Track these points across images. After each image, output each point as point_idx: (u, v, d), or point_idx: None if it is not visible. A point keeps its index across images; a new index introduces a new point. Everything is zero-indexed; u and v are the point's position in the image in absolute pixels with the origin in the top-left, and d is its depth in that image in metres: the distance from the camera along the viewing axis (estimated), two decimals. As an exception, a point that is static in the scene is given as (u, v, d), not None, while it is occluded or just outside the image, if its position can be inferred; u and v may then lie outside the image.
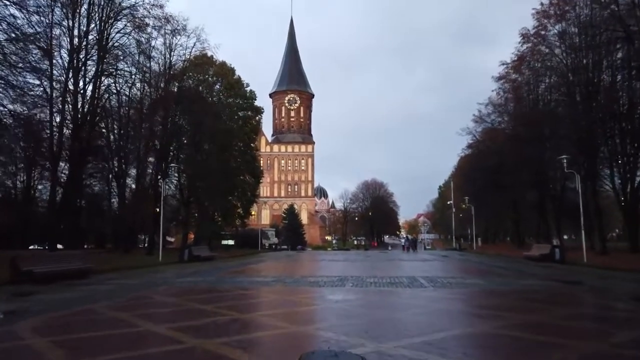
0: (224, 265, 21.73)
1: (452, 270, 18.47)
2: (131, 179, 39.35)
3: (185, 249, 25.50)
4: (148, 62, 35.44)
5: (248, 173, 47.31)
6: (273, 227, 72.10)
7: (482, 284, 12.73)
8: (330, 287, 11.35)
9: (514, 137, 42.30)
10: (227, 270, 18.28)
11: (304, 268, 20.60)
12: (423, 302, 8.84)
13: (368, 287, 11.59)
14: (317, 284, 12.28)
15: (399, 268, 19.73)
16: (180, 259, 24.86)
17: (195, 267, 20.20)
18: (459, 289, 11.10)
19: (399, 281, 12.90)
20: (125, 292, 10.47)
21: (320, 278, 13.92)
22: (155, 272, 17.55)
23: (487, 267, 20.63)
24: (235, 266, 21.22)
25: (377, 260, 27.60)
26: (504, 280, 13.67)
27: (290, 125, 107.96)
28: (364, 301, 8.83)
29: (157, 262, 23.56)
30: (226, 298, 9.48)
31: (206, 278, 14.32)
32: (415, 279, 13.40)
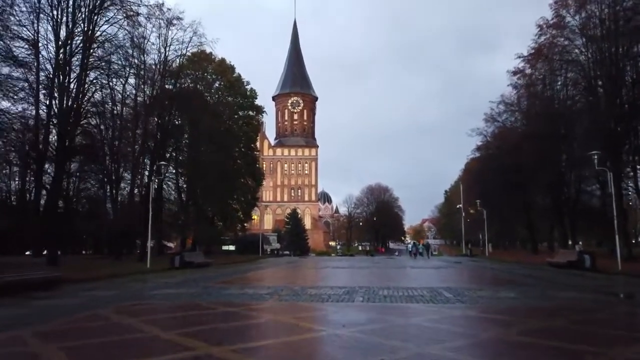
0: (217, 273, 19.63)
1: (474, 280, 16.27)
2: (126, 182, 37.54)
3: (176, 254, 23.39)
4: (142, 56, 33.67)
5: (249, 175, 45.27)
6: (275, 232, 69.94)
7: (517, 297, 10.57)
8: (335, 303, 9.23)
9: (529, 136, 40.13)
10: (219, 279, 16.17)
11: (306, 277, 18.48)
12: (457, 326, 6.71)
13: (382, 302, 9.45)
14: (319, 297, 10.16)
15: (413, 277, 17.56)
16: (171, 265, 22.80)
17: (185, 275, 18.11)
18: (494, 305, 8.97)
19: (418, 294, 10.75)
20: (79, 309, 8.39)
21: (323, 290, 11.80)
22: (138, 281, 15.48)
23: (511, 275, 18.42)
24: (229, 274, 19.11)
25: (386, 267, 25.42)
26: (540, 293, 11.50)
27: (294, 128, 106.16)
28: (380, 325, 6.70)
29: (145, 268, 21.51)
30: (201, 319, 7.39)
31: (190, 289, 12.23)
32: (437, 292, 11.24)
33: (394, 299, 9.87)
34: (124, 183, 37.80)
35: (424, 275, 18.49)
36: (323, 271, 21.76)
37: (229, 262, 32.96)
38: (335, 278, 16.92)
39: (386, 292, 11.08)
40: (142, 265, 23.00)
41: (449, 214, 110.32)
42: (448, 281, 14.89)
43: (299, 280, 15.85)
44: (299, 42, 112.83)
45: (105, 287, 13.46)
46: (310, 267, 26.12)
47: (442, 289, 11.86)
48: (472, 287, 12.77)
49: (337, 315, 7.65)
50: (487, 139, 49.27)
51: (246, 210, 46.20)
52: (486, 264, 29.24)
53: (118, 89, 32.98)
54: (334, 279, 16.60)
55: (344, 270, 21.71)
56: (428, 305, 8.93)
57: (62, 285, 13.40)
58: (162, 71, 35.08)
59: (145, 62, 33.78)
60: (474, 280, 15.89)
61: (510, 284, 14.08)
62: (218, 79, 41.65)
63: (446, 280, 15.14)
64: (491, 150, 50.75)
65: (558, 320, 7.15)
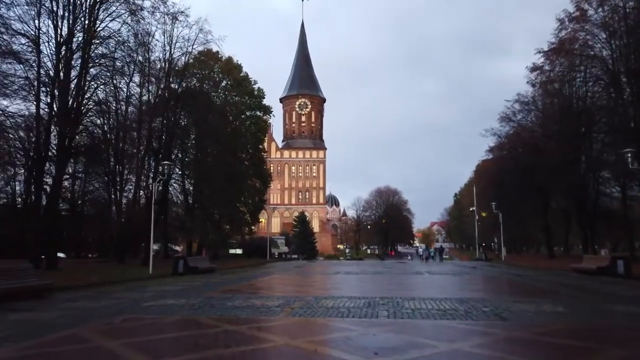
0: (222, 280, 18.35)
1: (503, 289, 14.81)
2: (132, 184, 36.45)
3: (180, 259, 22.16)
4: (146, 54, 32.61)
5: (256, 177, 44.03)
6: (283, 235, 68.66)
7: (566, 312, 9.14)
8: (357, 319, 7.89)
9: (547, 136, 38.59)
10: (223, 286, 14.89)
11: (318, 284, 17.13)
12: (517, 356, 5.34)
13: (411, 317, 8.10)
14: (337, 311, 8.82)
15: (435, 285, 16.14)
16: (174, 271, 21.55)
17: (187, 282, 16.84)
18: (546, 324, 7.57)
19: (450, 307, 9.37)
20: (57, 327, 7.11)
21: (340, 300, 10.46)
22: (135, 289, 14.23)
23: (539, 282, 16.94)
24: (235, 281, 17.82)
25: (401, 272, 23.98)
26: (591, 307, 10.06)
27: (301, 130, 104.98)
28: (420, 352, 5.34)
29: (146, 274, 20.30)
30: (198, 342, 6.08)
31: (191, 300, 10.93)
32: (470, 304, 9.85)
33: (424, 314, 8.50)
34: (130, 185, 36.79)
35: (446, 282, 17.07)
36: (335, 277, 20.41)
37: (236, 267, 31.73)
38: (350, 286, 15.58)
39: (412, 305, 9.71)
40: (144, 271, 21.80)
41: (458, 217, 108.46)
42: (476, 290, 13.50)
43: (311, 289, 14.52)
44: (306, 44, 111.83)
45: (99, 296, 12.23)
46: (321, 273, 24.77)
47: (474, 301, 10.47)
48: (506, 299, 11.34)
49: (364, 338, 6.30)
50: (501, 140, 47.63)
51: (253, 213, 44.93)
52: (505, 270, 27.67)
53: (122, 88, 32.07)
54: (349, 286, 15.26)
55: (358, 277, 20.35)
56: (467, 324, 7.56)
57: (51, 293, 12.19)
58: (168, 70, 34.02)
59: (150, 59, 32.72)
60: (504, 290, 14.43)
61: (548, 295, 12.64)
62: (225, 77, 40.51)
63: (474, 289, 13.74)
64: (506, 150, 49.10)
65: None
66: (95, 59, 24.68)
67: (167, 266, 23.43)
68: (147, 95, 33.62)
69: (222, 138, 37.64)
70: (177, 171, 40.64)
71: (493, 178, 50.72)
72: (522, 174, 41.30)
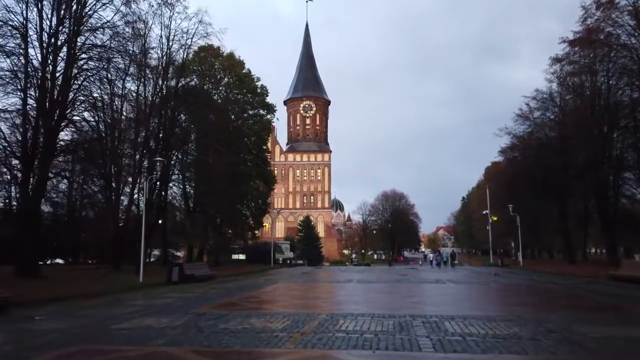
0: (220, 290, 16.20)
1: (554, 302, 12.47)
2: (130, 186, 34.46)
3: (175, 266, 20.01)
4: (143, 47, 30.67)
5: (259, 178, 41.89)
6: (287, 240, 66.43)
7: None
8: (393, 354, 5.72)
9: (567, 136, 36.34)
10: (221, 299, 12.74)
11: (330, 295, 14.93)
12: None
13: (468, 352, 5.90)
14: (362, 338, 6.64)
15: (466, 296, 13.93)
16: (168, 280, 19.43)
17: (179, 294, 14.71)
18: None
19: (508, 331, 7.16)
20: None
21: (361, 320, 8.28)
22: (115, 303, 12.12)
23: (589, 294, 14.67)
24: (234, 291, 15.66)
25: (419, 280, 21.72)
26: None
27: (306, 133, 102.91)
28: None
29: (137, 283, 18.19)
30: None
31: (176, 319, 8.77)
32: (532, 326, 7.63)
33: (481, 344, 6.29)
34: (128, 187, 34.82)
35: (477, 293, 14.84)
36: (348, 287, 18.19)
37: (238, 274, 29.60)
38: (368, 298, 13.38)
39: (457, 328, 7.51)
40: (135, 279, 19.67)
41: (466, 221, 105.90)
42: (520, 304, 11.28)
43: (323, 302, 12.33)
44: (311, 45, 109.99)
45: (67, 313, 10.11)
46: (331, 281, 22.54)
47: (531, 320, 8.26)
48: (568, 316, 9.10)
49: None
50: (516, 139, 45.26)
51: (257, 217, 42.76)
52: (531, 276, 25.33)
53: (117, 83, 30.14)
54: (366, 299, 13.05)
55: (373, 286, 18.11)
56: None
57: (8, 309, 10.09)
58: (166, 64, 32.04)
59: (147, 53, 30.76)
60: (554, 303, 12.11)
61: (611, 310, 10.40)
62: (226, 74, 38.52)
63: (517, 302, 11.53)
64: (521, 150, 46.75)
65: None
66: (85, 48, 22.67)
67: (163, 274, 21.31)
68: (144, 91, 31.61)
69: (224, 137, 35.61)
70: (177, 173, 38.71)
71: (506, 180, 48.33)
72: (540, 174, 39.01)
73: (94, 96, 25.59)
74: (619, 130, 34.99)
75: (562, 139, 38.93)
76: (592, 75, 33.62)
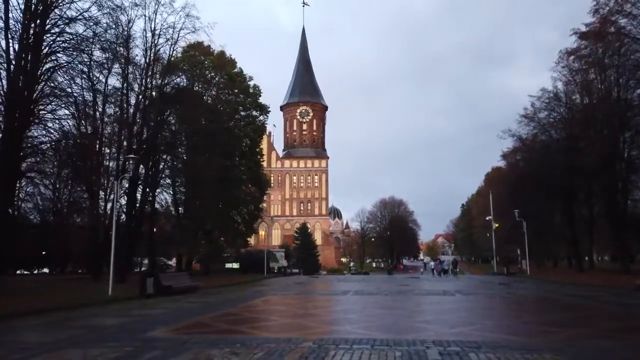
0: (196, 305, 14.05)
1: (599, 322, 10.34)
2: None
3: (149, 277, 17.82)
4: (127, 42, 28.73)
5: (252, 182, 39.73)
6: (283, 247, 64.12)
7: None
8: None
9: (577, 137, 34.49)
10: (188, 319, 10.58)
11: (323, 311, 12.78)
12: None
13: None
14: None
15: (484, 312, 11.81)
16: (142, 292, 17.23)
17: (142, 310, 12.56)
18: None
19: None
20: None
21: (359, 352, 6.17)
22: (55, 324, 9.95)
23: (628, 310, 12.57)
24: (212, 307, 13.51)
25: (424, 292, 19.54)
26: None
27: (303, 139, 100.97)
28: None
29: (103, 297, 15.99)
30: None
31: (111, 350, 6.63)
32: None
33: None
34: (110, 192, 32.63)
35: (496, 308, 12.71)
36: (345, 300, 16.04)
37: (227, 284, 27.35)
38: (367, 315, 11.23)
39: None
40: (107, 291, 17.42)
41: (466, 229, 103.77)
42: (555, 325, 9.16)
43: (313, 321, 10.17)
44: (307, 50, 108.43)
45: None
46: (327, 292, 20.39)
47: (589, 353, 6.17)
48: (628, 347, 7.00)
49: None
50: (520, 142, 43.31)
51: (249, 223, 40.56)
52: (545, 287, 23.16)
53: (99, 80, 28.18)
54: (365, 317, 10.90)
55: (374, 299, 15.93)
56: None
57: None
58: (151, 60, 30.07)
59: (128, 45, 28.81)
60: (597, 325, 9.84)
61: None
62: (217, 73, 36.52)
63: (551, 323, 9.41)
64: (526, 153, 44.83)
65: None
66: (56, 37, 20.68)
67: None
68: (126, 89, 29.59)
69: (214, 139, 33.55)
70: (164, 177, 36.60)
71: (509, 185, 46.32)
72: (546, 177, 37.06)
73: (67, 91, 23.45)
74: (631, 131, 33.17)
75: (569, 139, 37.08)
76: (602, 72, 31.82)
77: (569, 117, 37.15)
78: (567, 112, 37.13)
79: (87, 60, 23.40)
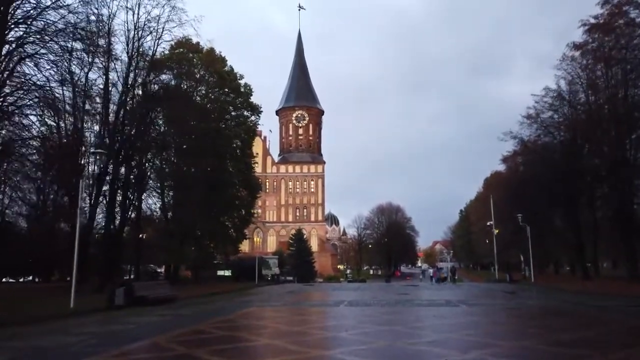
0: (165, 319, 12.26)
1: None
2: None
3: (120, 286, 16.00)
4: (106, 34, 27.09)
5: (242, 186, 37.96)
6: (276, 254, 62.17)
7: None
8: None
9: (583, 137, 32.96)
10: (150, 337, 8.80)
11: (305, 330, 10.98)
12: None
13: None
14: None
15: (508, 332, 10.04)
16: (110, 303, 15.41)
17: (101, 327, 10.77)
18: None
19: None
20: None
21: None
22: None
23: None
24: (186, 321, 11.73)
25: (425, 302, 17.76)
26: None
27: (299, 144, 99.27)
28: None
29: (64, 309, 14.19)
30: None
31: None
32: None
33: None
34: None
35: (513, 324, 10.94)
36: (335, 313, 14.26)
37: (213, 293, 25.51)
38: (360, 335, 9.45)
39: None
40: (78, 302, 15.55)
41: (465, 235, 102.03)
42: (596, 348, 7.44)
43: (290, 345, 8.36)
44: (303, 54, 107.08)
45: None
46: (318, 303, 18.62)
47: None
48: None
49: None
50: (522, 144, 41.72)
51: (240, 229, 38.69)
52: (555, 296, 21.40)
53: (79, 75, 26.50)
54: (358, 338, 9.12)
55: (369, 312, 14.11)
56: None
57: None
58: (132, 54, 28.43)
59: (112, 41, 27.23)
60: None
61: None
62: (206, 71, 34.85)
63: (593, 344, 7.68)
64: (527, 156, 43.28)
65: None
66: (20, 22, 18.99)
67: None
68: (107, 84, 27.90)
69: (203, 140, 31.84)
70: (151, 181, 34.83)
71: (509, 189, 44.72)
72: (549, 181, 35.45)
73: (38, 84, 21.64)
74: (638, 132, 31.66)
75: (572, 140, 35.57)
76: (609, 69, 30.32)
77: (573, 118, 35.63)
78: (571, 113, 35.60)
79: (60, 51, 21.67)
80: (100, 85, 28.52)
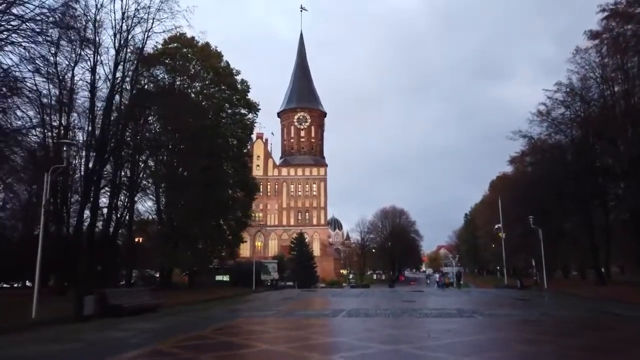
0: (127, 335, 10.48)
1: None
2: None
3: (89, 295, 14.23)
4: (93, 25, 25.56)
5: (239, 187, 36.21)
6: (276, 258, 60.30)
7: None
8: None
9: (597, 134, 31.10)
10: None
11: (290, 352, 9.18)
12: None
13: None
14: None
15: (544, 356, 8.22)
16: (78, 314, 13.64)
17: (47, 346, 9.02)
18: None
19: None
20: None
21: None
22: None
23: None
24: (149, 337, 9.97)
25: (435, 313, 15.83)
26: None
27: (301, 146, 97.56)
28: None
29: (23, 320, 12.46)
30: None
31: None
32: None
33: None
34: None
35: (546, 342, 9.07)
36: (331, 326, 12.45)
37: (204, 299, 23.73)
38: (368, 355, 7.67)
39: None
40: (44, 311, 13.79)
41: (470, 239, 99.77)
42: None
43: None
44: (305, 56, 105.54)
45: None
46: (312, 314, 16.78)
47: None
48: None
49: None
50: (532, 143, 39.84)
51: (236, 231, 36.89)
52: (580, 305, 19.46)
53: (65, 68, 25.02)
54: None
55: (370, 325, 12.28)
56: None
57: None
58: (120, 47, 26.86)
59: (99, 33, 25.68)
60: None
61: None
62: (200, 67, 33.25)
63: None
64: (537, 155, 41.39)
65: None
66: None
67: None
68: (94, 79, 26.33)
69: (197, 138, 30.17)
70: (144, 182, 33.25)
71: (518, 190, 42.74)
72: (560, 181, 33.56)
73: (18, 78, 20.05)
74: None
75: (585, 137, 33.72)
76: (627, 61, 28.48)
77: (585, 114, 33.76)
78: (584, 109, 33.73)
79: (38, 39, 20.06)
80: (87, 79, 27.09)
